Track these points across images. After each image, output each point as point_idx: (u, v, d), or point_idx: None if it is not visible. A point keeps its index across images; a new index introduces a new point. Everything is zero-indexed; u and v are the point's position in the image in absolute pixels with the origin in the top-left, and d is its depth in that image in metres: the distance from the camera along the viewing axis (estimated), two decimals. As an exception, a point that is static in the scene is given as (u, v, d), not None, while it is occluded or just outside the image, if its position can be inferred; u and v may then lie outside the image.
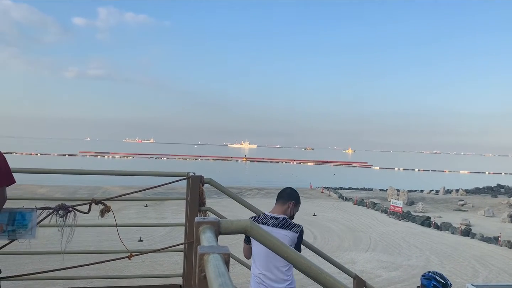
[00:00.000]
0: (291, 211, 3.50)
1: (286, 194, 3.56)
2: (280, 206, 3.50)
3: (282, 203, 3.50)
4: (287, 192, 3.58)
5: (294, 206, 3.52)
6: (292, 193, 3.56)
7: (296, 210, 3.56)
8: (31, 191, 30.33)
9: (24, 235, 2.91)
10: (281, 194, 3.57)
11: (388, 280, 13.10)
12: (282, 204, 3.50)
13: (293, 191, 3.60)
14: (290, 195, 3.54)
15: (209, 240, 1.09)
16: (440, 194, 43.17)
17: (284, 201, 3.50)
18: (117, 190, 31.99)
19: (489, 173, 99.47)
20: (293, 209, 3.52)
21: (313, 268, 1.36)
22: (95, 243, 14.79)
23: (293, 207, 3.51)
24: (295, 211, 3.55)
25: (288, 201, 3.49)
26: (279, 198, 3.55)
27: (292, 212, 3.51)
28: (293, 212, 3.52)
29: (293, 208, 3.51)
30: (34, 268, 11.35)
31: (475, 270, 14.69)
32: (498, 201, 36.75)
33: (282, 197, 3.54)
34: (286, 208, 3.47)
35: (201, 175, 3.59)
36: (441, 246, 18.34)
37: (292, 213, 3.51)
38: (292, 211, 3.51)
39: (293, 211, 3.52)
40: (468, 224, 23.68)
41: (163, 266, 12.91)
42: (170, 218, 22.01)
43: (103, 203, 3.21)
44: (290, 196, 3.53)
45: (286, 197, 3.53)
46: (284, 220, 3.42)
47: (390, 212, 26.99)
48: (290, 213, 3.49)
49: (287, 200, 3.50)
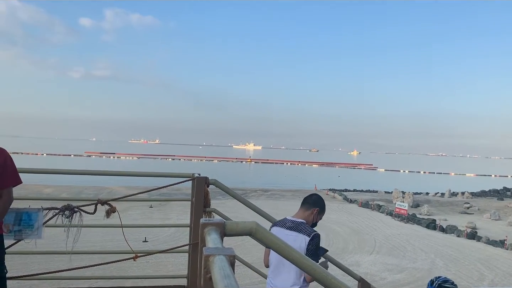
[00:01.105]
0: (314, 218, 3.46)
1: (312, 200, 3.52)
2: (303, 211, 3.47)
3: (306, 209, 3.47)
4: (313, 198, 3.55)
5: (318, 213, 3.48)
6: (318, 200, 3.54)
7: (319, 218, 3.51)
8: (37, 191, 30.49)
9: (30, 235, 2.93)
10: (307, 200, 3.54)
11: (393, 283, 13.04)
12: (306, 209, 3.47)
13: (320, 198, 3.57)
14: (316, 201, 3.51)
15: (215, 241, 1.09)
16: (445, 197, 42.93)
17: (309, 206, 3.47)
18: (123, 191, 32.09)
19: (495, 176, 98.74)
20: (317, 216, 3.47)
21: (318, 270, 1.37)
22: (100, 243, 14.83)
23: (317, 214, 3.47)
24: (319, 218, 3.51)
25: (312, 207, 3.46)
26: (304, 203, 3.52)
27: (315, 219, 3.47)
28: (316, 219, 3.47)
29: (316, 215, 3.47)
30: (40, 268, 11.42)
31: (481, 274, 14.59)
32: (504, 204, 36.50)
33: (307, 202, 3.51)
34: (310, 214, 3.44)
35: (206, 176, 3.60)
36: (447, 249, 18.24)
37: (315, 220, 3.47)
38: (315, 218, 3.46)
39: (316, 218, 3.47)
40: (473, 227, 23.54)
41: (167, 266, 12.92)
42: (175, 219, 22.04)
43: (109, 203, 3.22)
44: (316, 203, 3.50)
45: (312, 203, 3.49)
46: (301, 224, 3.38)
47: (395, 214, 26.88)
48: (313, 220, 3.45)
49: (312, 206, 3.46)
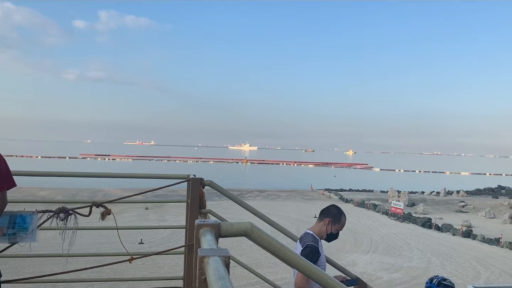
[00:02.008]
0: (328, 229, 3.41)
1: (324, 210, 3.51)
2: (317, 223, 3.47)
3: (319, 220, 3.48)
4: (327, 208, 3.52)
5: (331, 224, 3.41)
6: (331, 210, 3.48)
7: (335, 229, 3.44)
8: (31, 193, 30.34)
9: (25, 239, 2.91)
10: (322, 210, 3.53)
11: (389, 282, 13.07)
12: (319, 220, 3.47)
13: (334, 209, 3.51)
14: (328, 212, 3.47)
15: (209, 242, 1.09)
16: (441, 196, 43.13)
17: (321, 217, 3.46)
18: (118, 193, 31.98)
19: (490, 174, 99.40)
20: (330, 227, 3.41)
21: (314, 270, 1.36)
22: (95, 245, 14.78)
23: (330, 225, 3.41)
24: (333, 230, 3.43)
25: (324, 218, 3.43)
26: (319, 214, 3.52)
27: (329, 230, 3.41)
28: (330, 230, 3.41)
29: (330, 226, 3.41)
30: (35, 271, 11.35)
31: (477, 272, 14.66)
32: (499, 202, 36.72)
33: (321, 213, 3.51)
34: (322, 225, 3.42)
35: (202, 178, 3.58)
36: (442, 248, 18.31)
37: (330, 231, 3.42)
38: (329, 229, 3.41)
39: (330, 229, 3.41)
40: (469, 226, 23.65)
41: (163, 268, 12.89)
42: (170, 221, 21.99)
43: (104, 205, 3.21)
44: (327, 213, 3.46)
45: (324, 214, 3.47)
46: (306, 234, 3.40)
47: (391, 213, 26.97)
48: (327, 231, 3.41)
49: (325, 217, 3.44)
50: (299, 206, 30.59)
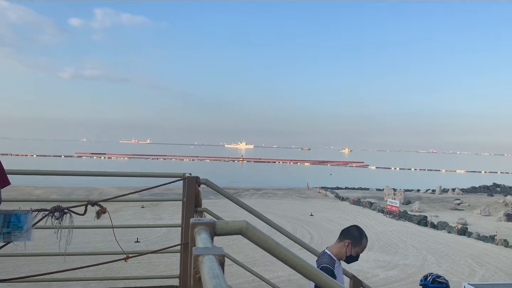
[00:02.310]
0: (348, 251, 3.24)
1: (344, 231, 3.35)
2: (336, 243, 3.33)
3: (338, 240, 3.33)
4: (347, 230, 3.35)
5: (351, 246, 3.24)
6: (351, 231, 3.31)
7: (354, 252, 3.26)
8: (27, 192, 30.22)
9: (20, 237, 2.89)
10: (342, 231, 3.37)
11: (385, 280, 13.12)
12: (338, 241, 3.32)
13: (355, 230, 3.32)
14: (348, 233, 3.30)
15: (204, 241, 1.09)
16: (436, 194, 43.31)
17: (341, 238, 3.31)
18: (114, 191, 31.92)
19: (485, 172, 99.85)
20: (350, 249, 3.24)
21: (309, 268, 1.37)
22: (91, 244, 14.75)
23: (350, 247, 3.24)
24: (353, 252, 3.25)
25: (344, 239, 3.27)
26: (339, 235, 3.36)
27: (348, 253, 3.24)
28: (350, 252, 3.24)
29: (349, 248, 3.24)
30: (30, 269, 11.33)
31: (472, 269, 14.75)
32: (494, 200, 36.92)
33: (341, 233, 3.35)
34: (342, 246, 3.27)
35: (197, 176, 3.57)
36: (438, 245, 18.40)
37: (349, 253, 3.25)
38: (349, 251, 3.24)
39: (350, 252, 3.24)
40: (464, 223, 23.78)
41: (160, 267, 12.89)
42: (166, 219, 21.99)
43: (99, 204, 3.19)
44: (347, 234, 3.29)
45: (344, 234, 3.31)
46: (323, 254, 3.29)
47: (386, 211, 27.06)
48: (346, 253, 3.25)
49: (344, 238, 3.28)
50: (295, 204, 30.64)
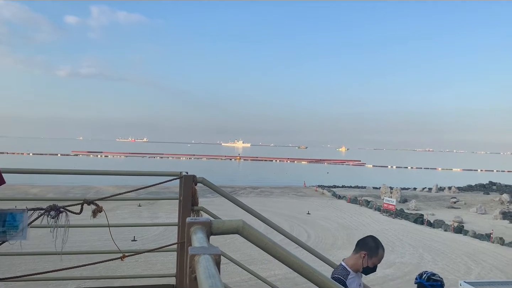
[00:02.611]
0: (364, 263, 3.17)
1: (361, 242, 3.27)
2: (352, 255, 3.28)
3: (354, 252, 3.26)
4: (363, 240, 3.28)
5: (368, 257, 3.17)
6: (367, 242, 3.24)
7: (371, 263, 3.18)
8: (23, 191, 30.11)
9: (15, 237, 2.88)
10: (358, 242, 3.30)
11: (382, 278, 13.16)
12: (354, 253, 3.26)
13: (371, 241, 3.25)
14: (363, 244, 3.23)
15: (200, 241, 1.08)
16: (432, 192, 43.45)
17: (357, 250, 3.24)
18: (110, 190, 31.85)
19: (481, 171, 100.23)
20: (367, 260, 3.17)
21: (306, 267, 1.37)
22: (88, 243, 14.72)
23: (366, 258, 3.17)
24: (370, 263, 3.18)
25: (360, 251, 3.21)
26: (355, 246, 3.29)
27: (365, 264, 3.17)
28: (366, 264, 3.17)
29: (366, 259, 3.17)
30: (27, 268, 11.29)
31: (468, 267, 14.80)
32: (490, 198, 37.09)
33: (357, 245, 3.28)
34: (358, 257, 3.20)
35: (194, 175, 3.57)
36: (434, 244, 18.46)
37: (366, 265, 3.17)
38: (365, 262, 3.17)
39: (366, 263, 3.17)
40: (460, 221, 23.87)
41: (156, 265, 12.88)
42: (163, 218, 21.97)
43: (95, 203, 3.18)
44: (363, 245, 3.22)
45: (360, 246, 3.24)
46: (338, 266, 3.25)
47: (383, 210, 27.12)
48: (363, 265, 3.18)
49: (360, 250, 3.21)
50: (292, 203, 30.67)
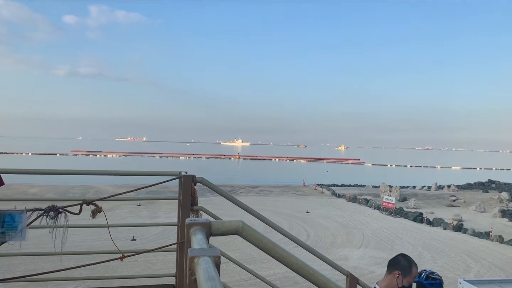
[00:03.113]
0: (399, 283, 3.03)
1: (392, 262, 3.13)
2: (386, 276, 3.13)
3: (388, 273, 3.12)
4: (395, 260, 3.14)
5: (402, 277, 3.03)
6: (399, 261, 3.10)
7: (406, 282, 3.05)
8: (22, 191, 30.08)
9: (14, 237, 2.87)
10: (389, 262, 3.15)
11: (381, 276, 13.14)
12: (388, 273, 3.12)
13: (403, 260, 3.11)
14: (396, 264, 3.09)
15: (200, 242, 1.08)
16: (432, 190, 43.47)
17: (390, 270, 3.10)
18: (110, 190, 31.84)
19: (480, 169, 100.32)
20: (401, 280, 3.03)
21: (305, 267, 1.36)
22: (87, 243, 14.71)
23: (401, 278, 3.03)
24: (404, 282, 3.04)
25: (393, 271, 3.06)
26: (387, 266, 3.15)
27: (400, 284, 3.03)
28: (401, 283, 3.03)
29: (400, 279, 3.03)
30: (26, 269, 11.28)
31: (467, 265, 14.82)
32: (489, 196, 37.13)
33: (389, 265, 3.14)
34: (392, 278, 3.06)
35: (193, 174, 3.56)
36: (433, 242, 18.48)
37: (400, 284, 3.03)
38: (400, 282, 3.03)
39: (401, 283, 3.03)
40: (460, 220, 23.89)
41: (156, 265, 12.88)
42: (163, 217, 21.95)
43: (94, 203, 3.18)
44: (396, 265, 3.08)
45: (392, 265, 3.10)
46: None
47: (382, 208, 27.14)
48: (398, 285, 3.04)
49: (393, 269, 3.07)
50: (292, 202, 30.67)
